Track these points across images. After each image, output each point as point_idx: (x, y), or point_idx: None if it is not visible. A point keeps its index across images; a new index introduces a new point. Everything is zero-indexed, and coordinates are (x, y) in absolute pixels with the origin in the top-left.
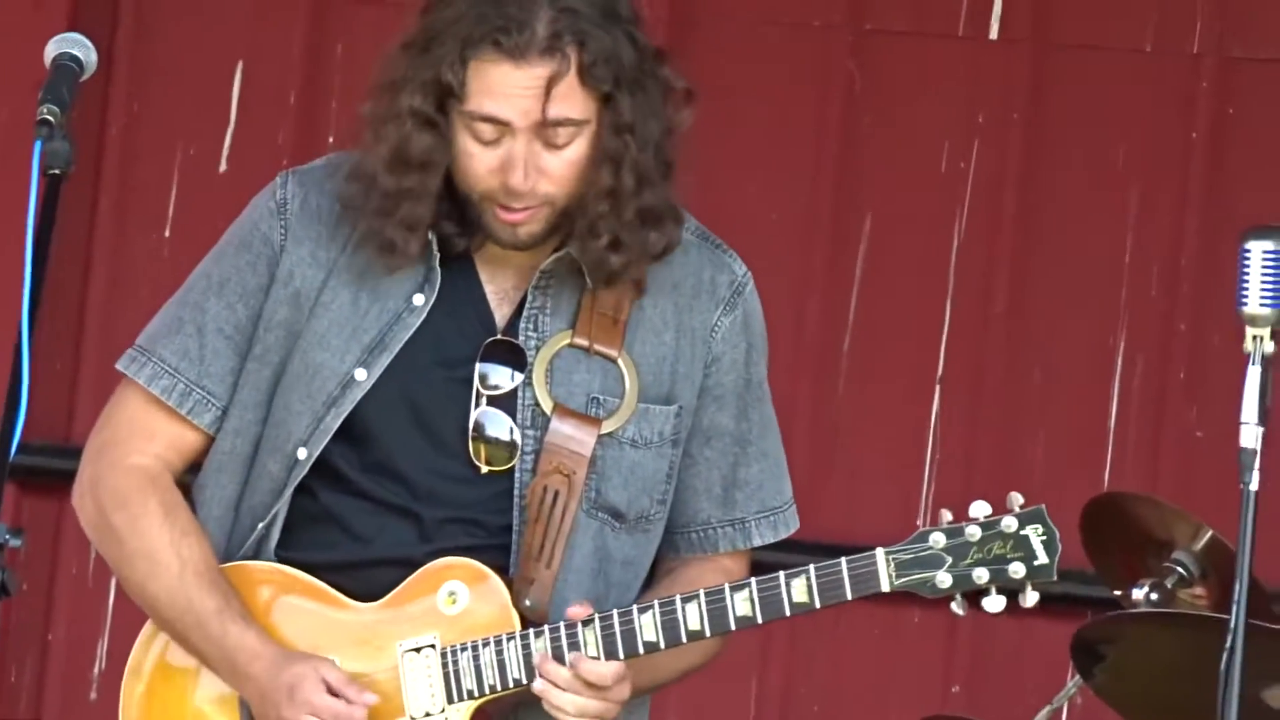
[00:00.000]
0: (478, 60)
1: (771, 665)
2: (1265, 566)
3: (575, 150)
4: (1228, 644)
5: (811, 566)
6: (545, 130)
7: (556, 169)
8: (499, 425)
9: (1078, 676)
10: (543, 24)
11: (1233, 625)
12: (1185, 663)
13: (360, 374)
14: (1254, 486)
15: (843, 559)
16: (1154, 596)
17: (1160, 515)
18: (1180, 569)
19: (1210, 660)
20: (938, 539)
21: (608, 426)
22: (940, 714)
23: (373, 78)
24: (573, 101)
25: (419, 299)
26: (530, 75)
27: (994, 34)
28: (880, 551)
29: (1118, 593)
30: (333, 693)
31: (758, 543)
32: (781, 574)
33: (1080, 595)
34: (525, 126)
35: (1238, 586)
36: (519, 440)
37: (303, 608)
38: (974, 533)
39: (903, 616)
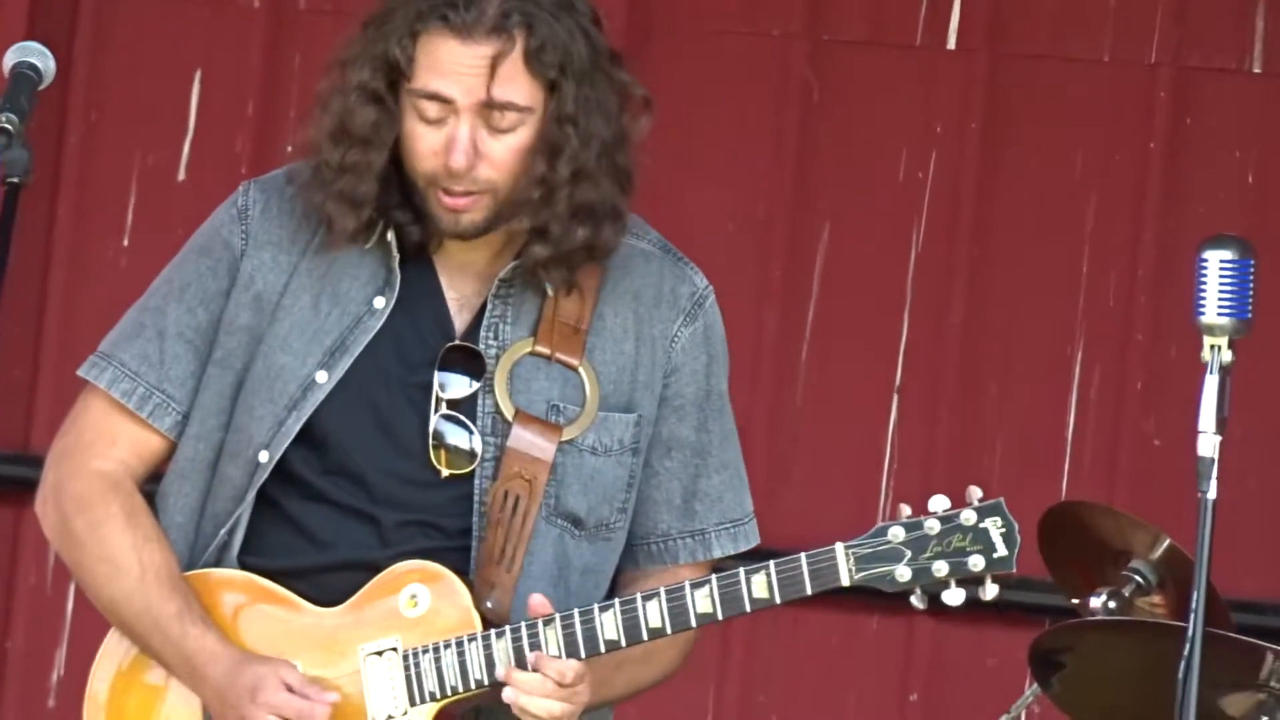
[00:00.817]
0: (426, 35)
1: (730, 673)
2: (1223, 575)
3: (518, 138)
4: (1185, 653)
5: (771, 562)
6: (489, 112)
7: (498, 154)
8: (458, 433)
9: (1035, 685)
10: (493, 5)
11: (1190, 634)
12: (1143, 671)
13: (321, 376)
14: (1211, 495)
15: (803, 554)
16: (1112, 605)
17: (1118, 524)
18: (1138, 578)
19: (1168, 669)
20: (897, 533)
21: (568, 434)
22: None
23: (330, 56)
24: (518, 85)
25: (379, 302)
26: (475, 53)
27: (951, 44)
28: (840, 546)
29: (1075, 601)
30: (293, 693)
31: (718, 554)
32: (742, 570)
33: (1038, 604)
34: (469, 105)
35: (1195, 595)
36: (478, 448)
37: (265, 613)
38: (933, 526)
39: (861, 624)
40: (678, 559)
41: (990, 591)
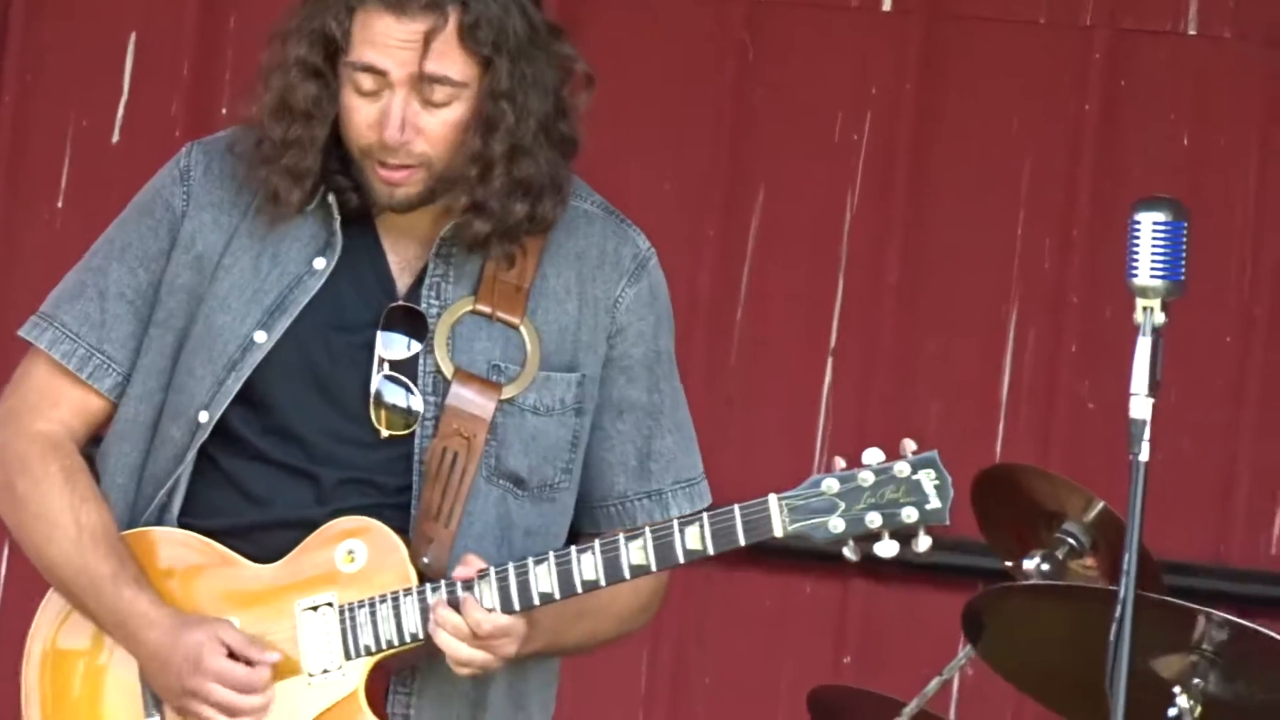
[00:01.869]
0: (363, 10)
1: (663, 637)
2: (1155, 537)
3: (453, 112)
4: (1117, 615)
5: (705, 513)
6: (423, 86)
7: (433, 129)
8: (398, 394)
9: (968, 647)
10: None
11: (1122, 596)
12: (1076, 633)
13: (260, 336)
14: (1144, 457)
15: (736, 505)
16: (1045, 567)
17: (1051, 486)
18: (1071, 540)
19: (1101, 631)
20: (830, 484)
21: (508, 392)
22: (831, 684)
23: (270, 29)
24: (451, 60)
25: (320, 263)
26: (410, 28)
27: (887, 5)
28: (773, 497)
29: (1008, 564)
30: (234, 656)
31: (675, 513)
32: (675, 521)
33: (971, 566)
34: (403, 79)
35: (1127, 558)
36: (419, 408)
37: (203, 571)
38: (867, 478)
39: (795, 586)
40: (635, 520)
41: (923, 544)
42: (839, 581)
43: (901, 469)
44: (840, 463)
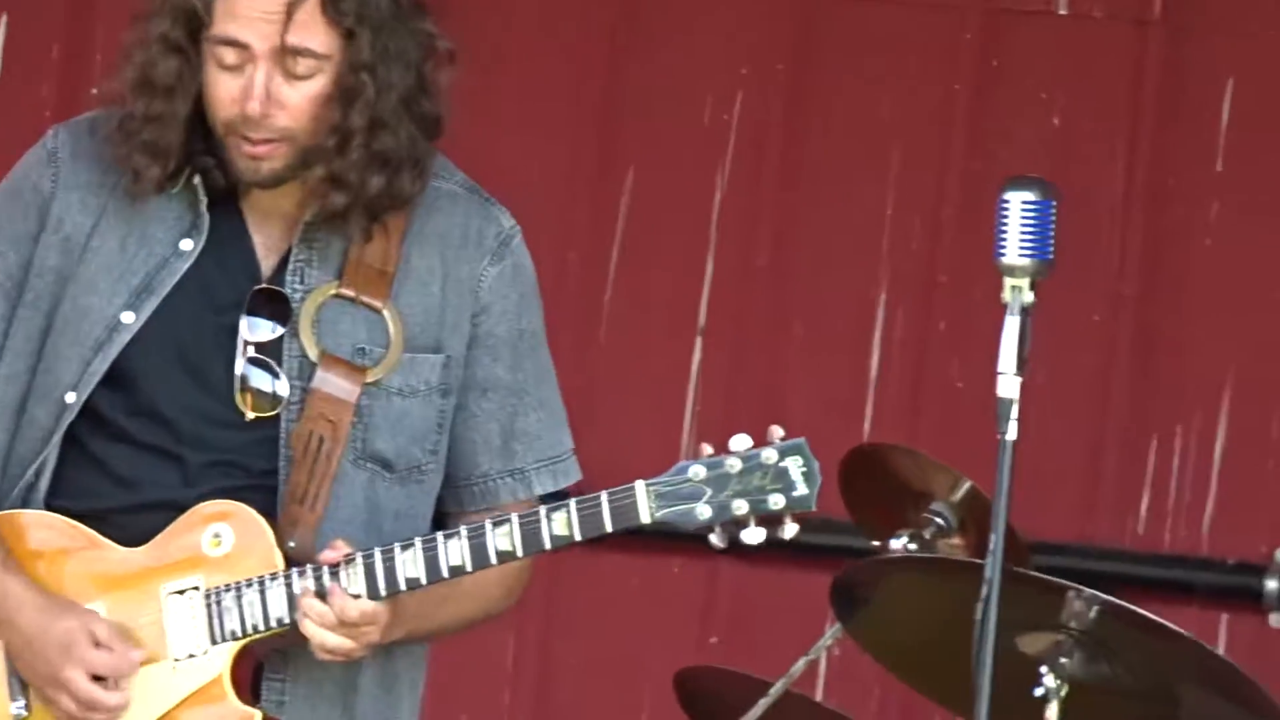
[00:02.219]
0: None
1: (530, 617)
2: (1023, 517)
3: (315, 85)
4: (983, 593)
5: (572, 500)
6: (285, 59)
7: (295, 102)
8: (263, 378)
9: (836, 626)
10: None
11: (988, 575)
12: (943, 611)
13: (127, 317)
14: (1011, 437)
15: (603, 492)
16: (912, 547)
17: (919, 466)
18: (938, 519)
19: (968, 609)
20: (698, 471)
21: (374, 376)
22: (698, 665)
23: (134, 7)
24: (313, 32)
25: (186, 244)
26: (272, 1)
27: None
28: (640, 484)
29: (876, 543)
30: (101, 646)
31: (539, 491)
32: (542, 508)
33: (839, 546)
34: (265, 51)
35: (994, 537)
36: (283, 391)
37: (70, 554)
38: (734, 464)
39: (662, 566)
40: (499, 499)
41: (789, 530)
42: (706, 561)
43: (769, 456)
44: (708, 449)
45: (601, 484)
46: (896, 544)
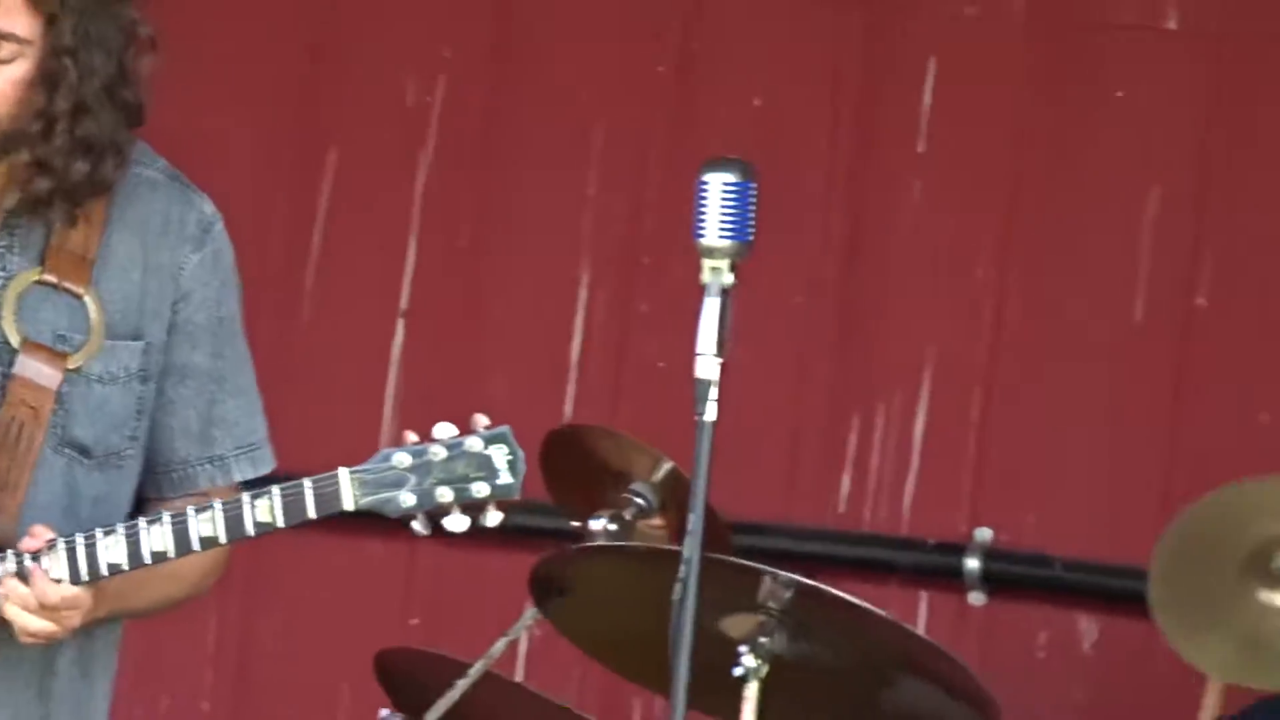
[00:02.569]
0: None
1: (231, 598)
2: (724, 497)
3: (17, 69)
4: (681, 575)
5: (276, 487)
6: None
7: None
8: None
9: (533, 609)
10: None
11: (686, 556)
12: (642, 595)
13: None
14: (710, 418)
15: (307, 479)
16: (612, 528)
17: (619, 447)
18: (639, 500)
19: (667, 592)
20: (402, 459)
21: (74, 362)
22: (398, 646)
23: None
24: (15, 16)
25: None
26: None
27: None
28: (344, 471)
29: (577, 524)
30: None
31: (238, 478)
32: (246, 495)
33: (540, 528)
34: None
35: (692, 517)
36: None
37: None
38: (438, 452)
39: (363, 548)
40: (198, 484)
41: (494, 518)
42: (407, 543)
43: (473, 444)
44: (412, 437)
45: (304, 467)
46: (596, 525)
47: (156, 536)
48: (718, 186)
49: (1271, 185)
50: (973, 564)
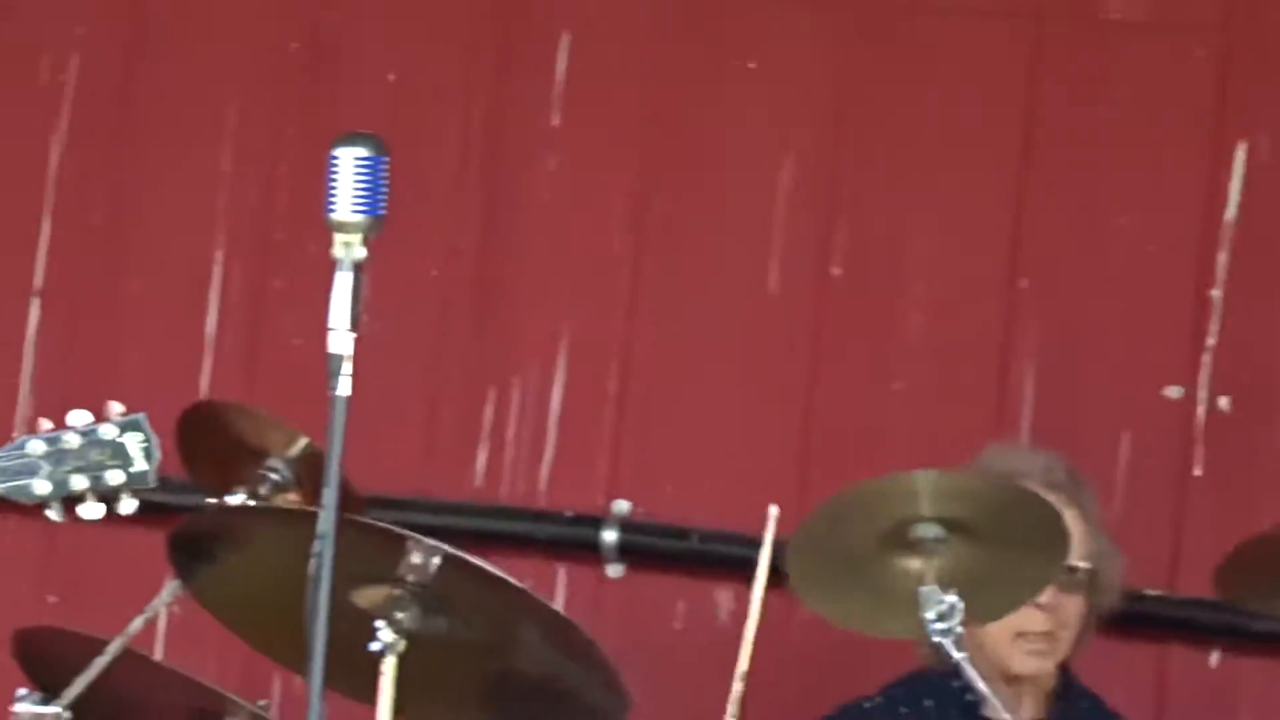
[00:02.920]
0: None
1: None
2: (359, 471)
3: None
4: (315, 550)
5: None
6: None
7: None
8: None
9: (174, 583)
10: None
11: (321, 530)
12: (281, 566)
13: None
14: (344, 392)
15: None
16: (249, 504)
17: (255, 424)
18: (275, 475)
19: (303, 564)
20: (36, 446)
21: None
22: (36, 625)
23: None
24: None
25: None
26: None
27: None
28: None
29: (214, 501)
30: None
31: None
32: None
33: (178, 505)
34: None
35: (327, 491)
36: None
37: None
38: (72, 440)
39: None
40: None
41: (128, 506)
42: (44, 519)
43: (108, 431)
44: (46, 424)
45: None
46: (232, 500)
47: None
48: (349, 161)
49: (901, 155)
50: (610, 536)
